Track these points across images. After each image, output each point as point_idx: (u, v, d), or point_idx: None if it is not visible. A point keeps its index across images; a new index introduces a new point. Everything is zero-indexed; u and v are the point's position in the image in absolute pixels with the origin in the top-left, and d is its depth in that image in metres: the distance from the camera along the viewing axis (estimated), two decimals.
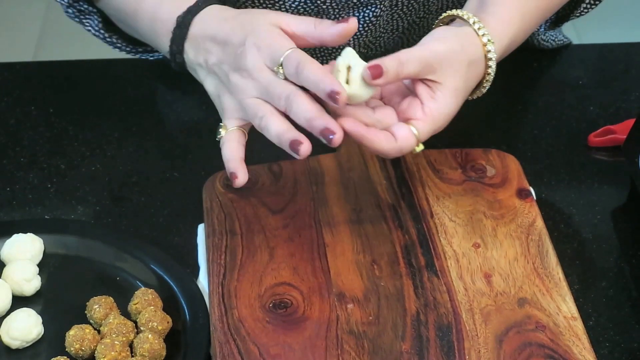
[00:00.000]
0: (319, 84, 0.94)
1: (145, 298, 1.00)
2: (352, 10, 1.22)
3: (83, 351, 0.96)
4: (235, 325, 0.98)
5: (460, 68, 1.00)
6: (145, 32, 1.12)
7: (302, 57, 0.96)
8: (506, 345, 0.96)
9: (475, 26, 1.02)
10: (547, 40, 1.36)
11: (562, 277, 1.03)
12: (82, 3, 1.20)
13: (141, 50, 1.26)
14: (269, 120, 0.96)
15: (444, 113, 1.00)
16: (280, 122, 0.96)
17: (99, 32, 1.23)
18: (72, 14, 1.22)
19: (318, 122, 0.94)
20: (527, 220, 1.08)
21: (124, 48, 1.25)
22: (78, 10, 1.21)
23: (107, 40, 1.24)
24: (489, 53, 1.02)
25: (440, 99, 0.99)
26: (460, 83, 1.01)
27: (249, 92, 0.98)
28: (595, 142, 1.22)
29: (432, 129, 1.00)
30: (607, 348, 1.00)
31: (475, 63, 1.02)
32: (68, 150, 1.22)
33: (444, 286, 1.02)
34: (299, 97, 0.95)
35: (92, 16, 1.21)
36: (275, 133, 0.96)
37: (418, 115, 0.99)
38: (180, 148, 1.22)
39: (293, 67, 0.95)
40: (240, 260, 1.04)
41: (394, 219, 1.08)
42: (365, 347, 0.96)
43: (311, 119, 0.94)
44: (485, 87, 1.05)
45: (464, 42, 1.01)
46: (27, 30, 2.96)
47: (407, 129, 0.98)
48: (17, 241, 1.05)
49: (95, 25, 1.22)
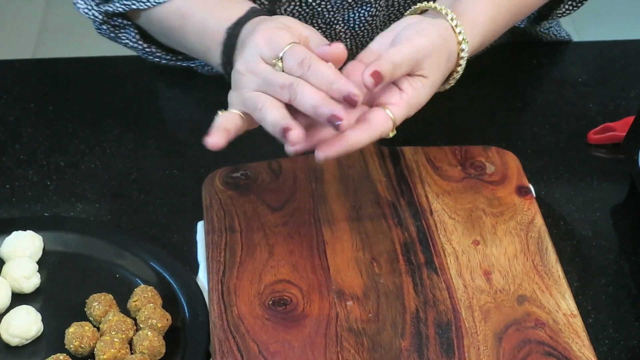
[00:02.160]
0: (333, 84, 0.93)
1: (145, 295, 1.00)
2: (347, 10, 1.22)
3: (82, 348, 0.96)
4: (235, 323, 0.98)
5: (441, 63, 1.00)
6: (194, 46, 1.11)
7: (306, 54, 0.95)
8: (505, 342, 0.96)
9: (453, 22, 1.02)
10: (547, 32, 1.36)
11: (561, 275, 1.03)
12: (117, 18, 1.19)
13: (181, 57, 1.25)
14: (266, 111, 0.95)
15: (419, 102, 0.99)
16: (277, 111, 0.95)
17: (137, 44, 1.21)
18: (105, 30, 1.20)
19: (325, 109, 0.93)
20: (527, 218, 1.08)
21: (163, 57, 1.24)
22: (113, 25, 1.19)
23: (146, 51, 1.22)
24: (462, 52, 1.02)
25: (420, 89, 0.99)
26: (439, 76, 1.01)
27: (248, 86, 0.98)
28: (595, 139, 1.22)
29: (406, 115, 0.99)
30: (606, 345, 1.00)
31: (451, 58, 1.02)
32: (67, 147, 1.22)
33: (444, 283, 1.02)
34: (303, 85, 0.94)
35: (128, 29, 1.20)
36: (270, 121, 0.95)
37: (394, 100, 0.98)
38: (180, 145, 1.22)
39: (296, 62, 0.94)
40: (240, 257, 1.04)
41: (393, 216, 1.08)
42: (365, 344, 0.96)
43: (318, 106, 0.93)
44: (451, 83, 1.05)
45: (444, 37, 1.01)
46: (26, 28, 2.96)
47: (383, 113, 0.97)
48: (17, 238, 1.05)
49: (132, 37, 1.20)
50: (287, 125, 0.93)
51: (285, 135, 0.93)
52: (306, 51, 0.95)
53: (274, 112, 0.95)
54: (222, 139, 0.97)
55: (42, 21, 2.98)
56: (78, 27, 1.28)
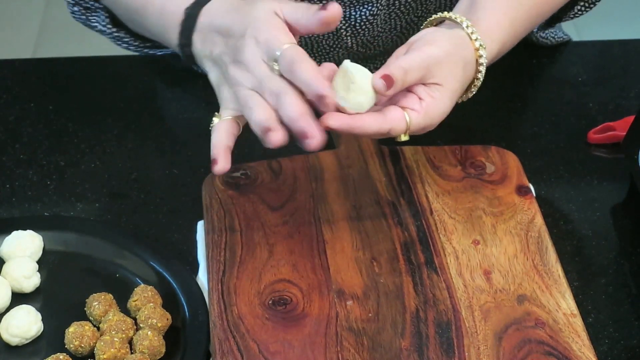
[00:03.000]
0: (310, 85, 0.94)
1: (145, 295, 1.00)
2: (349, 8, 1.22)
3: (82, 348, 0.96)
4: (235, 322, 0.98)
5: (457, 71, 1.00)
6: (154, 26, 1.12)
7: (296, 56, 0.95)
8: (506, 342, 0.96)
9: (469, 30, 1.02)
10: (546, 37, 1.36)
11: (561, 274, 1.03)
12: (88, 0, 1.20)
13: (149, 45, 1.26)
14: (255, 111, 0.96)
15: (440, 111, 0.99)
16: (264, 112, 0.95)
17: (105, 27, 1.22)
18: (77, 12, 1.21)
19: (298, 124, 0.93)
20: (527, 217, 1.08)
21: (131, 43, 1.25)
22: (84, 7, 1.21)
23: (114, 35, 1.23)
24: (481, 58, 1.02)
25: (438, 98, 0.99)
26: (457, 85, 1.01)
27: (244, 84, 0.98)
28: (595, 139, 1.22)
29: (425, 124, 0.99)
30: (606, 345, 1.00)
31: (468, 66, 1.02)
32: (67, 147, 1.22)
33: (444, 283, 1.02)
34: (288, 95, 0.95)
35: (98, 12, 1.21)
36: (256, 120, 0.95)
37: (415, 107, 0.98)
38: (180, 145, 1.22)
39: (287, 65, 0.95)
40: (240, 257, 1.04)
41: (393, 216, 1.08)
42: (365, 344, 0.96)
43: (294, 119, 0.94)
44: (472, 91, 1.05)
45: (458, 45, 1.01)
46: (26, 27, 2.96)
47: (400, 112, 0.97)
48: (17, 238, 1.05)
49: (102, 21, 1.22)
50: (269, 126, 0.94)
51: (266, 134, 0.94)
52: (295, 53, 0.95)
53: (261, 112, 0.95)
54: (226, 160, 0.98)
55: (42, 21, 2.98)
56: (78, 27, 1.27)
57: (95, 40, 1.35)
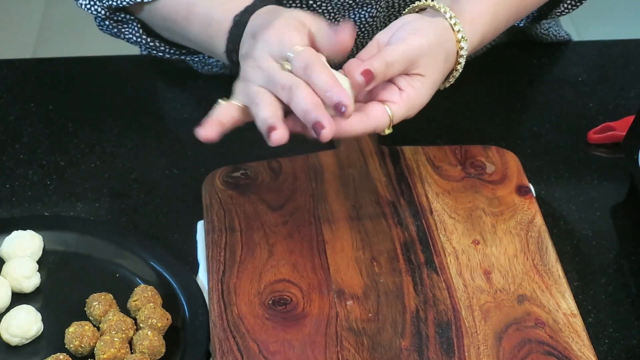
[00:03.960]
0: (328, 91, 0.93)
1: (145, 295, 1.00)
2: (348, 11, 1.22)
3: (82, 348, 0.96)
4: (235, 322, 0.98)
5: (439, 62, 1.01)
6: (198, 36, 1.11)
7: (312, 59, 0.95)
8: (506, 342, 0.96)
9: (452, 21, 1.02)
10: (547, 33, 1.36)
11: (561, 274, 1.03)
12: (120, 13, 1.19)
13: (185, 52, 1.25)
14: (261, 107, 0.96)
15: (419, 101, 1.00)
16: (269, 110, 0.95)
17: (140, 38, 1.20)
18: (108, 26, 1.20)
19: (314, 114, 0.93)
20: (527, 217, 1.08)
21: (167, 51, 1.24)
22: (116, 21, 1.19)
23: (149, 45, 1.22)
24: (462, 50, 1.02)
25: (420, 89, 0.99)
26: (438, 76, 1.01)
27: (254, 80, 0.98)
28: (595, 139, 1.22)
29: (406, 114, 0.99)
30: (606, 345, 1.00)
31: (450, 57, 1.02)
32: (67, 147, 1.22)
33: (444, 283, 1.02)
34: (301, 88, 0.94)
35: (131, 24, 1.20)
36: (260, 117, 0.95)
37: (394, 99, 0.99)
38: (180, 145, 1.22)
39: (302, 67, 0.95)
40: (240, 257, 1.04)
41: (393, 216, 1.08)
42: (365, 343, 0.96)
43: (309, 111, 0.94)
44: (450, 81, 1.05)
45: (442, 36, 1.01)
46: (26, 27, 2.96)
47: (382, 108, 0.98)
48: (17, 238, 1.05)
49: (135, 32, 1.20)
50: (274, 124, 0.94)
51: (269, 133, 0.94)
52: (312, 57, 0.95)
53: (266, 109, 0.95)
54: (214, 132, 0.97)
55: (42, 21, 2.98)
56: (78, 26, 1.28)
57: (95, 40, 1.35)
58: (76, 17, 1.43)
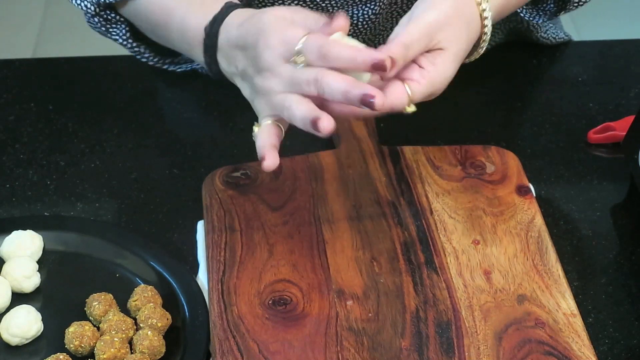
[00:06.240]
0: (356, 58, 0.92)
1: (145, 295, 1.00)
2: (351, 7, 1.22)
3: (82, 348, 0.96)
4: (235, 322, 0.98)
5: (459, 32, 0.99)
6: (178, 43, 1.11)
7: (321, 40, 0.94)
8: (506, 342, 0.96)
9: None
10: (547, 37, 1.36)
11: (561, 274, 1.03)
12: (110, 12, 1.19)
13: (168, 61, 1.25)
14: (295, 108, 0.95)
15: (442, 77, 0.98)
16: (304, 106, 0.94)
17: (126, 42, 1.21)
18: (96, 24, 1.20)
19: (355, 92, 0.92)
20: (527, 217, 1.08)
21: (151, 59, 1.24)
22: (105, 19, 1.19)
23: (134, 50, 1.22)
24: (484, 12, 1.00)
25: (440, 64, 0.98)
26: (462, 46, 0.99)
27: (274, 89, 0.97)
28: (595, 139, 1.22)
29: (428, 92, 0.98)
30: (606, 345, 1.00)
31: (472, 24, 1.00)
32: (67, 147, 1.22)
33: (444, 283, 1.02)
34: (327, 75, 0.93)
35: (119, 25, 1.20)
36: (299, 117, 0.94)
37: (415, 76, 0.97)
38: (180, 145, 1.22)
39: (316, 51, 0.94)
40: (240, 257, 1.04)
41: (393, 216, 1.08)
42: (365, 343, 0.96)
43: (347, 91, 0.93)
44: (482, 47, 1.03)
45: (459, 4, 0.99)
46: (26, 27, 2.96)
47: (401, 86, 0.96)
48: (17, 238, 1.05)
49: (123, 35, 1.20)
50: (316, 116, 0.93)
51: (316, 125, 0.93)
52: (319, 37, 0.95)
53: (301, 107, 0.94)
54: (274, 157, 0.97)
55: (42, 21, 2.98)
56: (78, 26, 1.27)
57: (95, 40, 1.34)
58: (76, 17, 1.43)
